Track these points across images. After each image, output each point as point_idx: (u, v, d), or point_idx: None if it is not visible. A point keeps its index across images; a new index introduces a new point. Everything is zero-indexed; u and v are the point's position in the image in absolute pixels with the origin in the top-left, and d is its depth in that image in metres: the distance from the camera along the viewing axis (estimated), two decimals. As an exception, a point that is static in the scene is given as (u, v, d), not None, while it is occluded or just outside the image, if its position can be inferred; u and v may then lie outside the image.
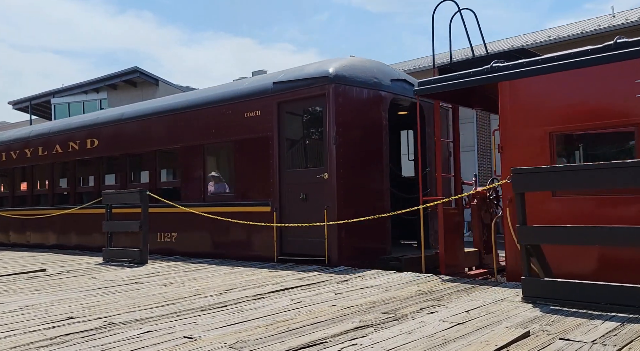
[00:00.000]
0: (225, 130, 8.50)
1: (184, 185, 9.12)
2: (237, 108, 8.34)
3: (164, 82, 29.66)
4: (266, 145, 7.90)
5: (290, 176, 7.71)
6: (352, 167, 7.36)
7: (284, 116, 7.84)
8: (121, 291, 5.61)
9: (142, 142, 9.86)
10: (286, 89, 7.77)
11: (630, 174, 4.03)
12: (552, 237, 4.53)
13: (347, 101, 7.42)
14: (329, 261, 7.11)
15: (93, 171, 10.98)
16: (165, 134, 9.41)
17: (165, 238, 9.20)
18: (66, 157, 11.34)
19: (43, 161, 11.93)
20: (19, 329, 3.94)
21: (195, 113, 8.97)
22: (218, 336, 3.59)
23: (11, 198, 12.97)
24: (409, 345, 3.25)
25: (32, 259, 9.39)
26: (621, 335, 3.37)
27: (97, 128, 10.76)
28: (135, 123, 10.08)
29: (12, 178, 12.96)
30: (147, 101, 11.37)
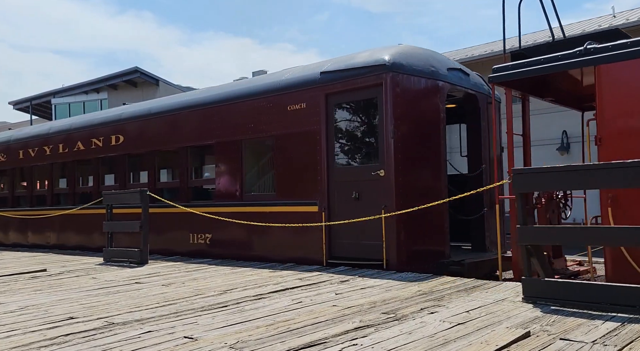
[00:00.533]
0: (265, 124, 7.96)
1: (219, 183, 8.60)
2: (279, 101, 7.81)
3: (164, 82, 29.68)
4: (312, 140, 7.37)
5: (340, 173, 7.19)
6: (411, 163, 6.80)
7: (333, 108, 7.33)
8: (122, 291, 5.61)
9: (171, 139, 9.35)
10: (336, 79, 7.23)
11: (630, 174, 4.02)
12: (552, 237, 4.53)
13: (405, 91, 6.87)
14: (387, 265, 6.56)
15: (117, 169, 10.40)
16: (198, 129, 8.91)
17: (199, 239, 8.71)
18: (88, 155, 10.82)
19: (63, 158, 11.38)
20: (20, 329, 3.95)
21: (232, 107, 8.44)
22: (218, 336, 3.59)
23: (30, 198, 12.41)
24: (409, 345, 3.25)
25: (32, 259, 9.39)
26: (622, 335, 3.37)
27: (123, 124, 10.20)
28: (164, 118, 9.53)
29: (31, 176, 12.43)
30: (177, 94, 10.74)
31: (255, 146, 8.57)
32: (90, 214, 10.41)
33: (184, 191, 9.00)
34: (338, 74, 7.24)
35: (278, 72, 8.45)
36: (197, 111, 8.98)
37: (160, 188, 9.56)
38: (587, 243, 4.75)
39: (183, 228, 8.87)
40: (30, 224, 12.08)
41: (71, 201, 11.31)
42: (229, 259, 8.14)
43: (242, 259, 7.99)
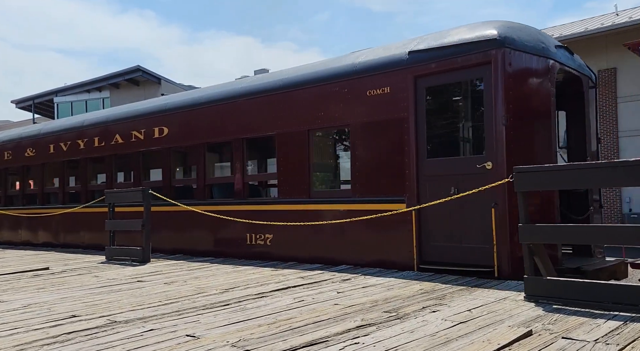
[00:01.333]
0: (338, 112, 7.15)
1: (283, 179, 7.78)
2: (355, 85, 6.97)
3: (166, 80, 29.72)
4: (398, 129, 6.53)
5: (433, 166, 6.32)
6: (523, 154, 5.90)
7: (423, 92, 6.46)
8: (124, 289, 5.62)
9: (223, 130, 8.53)
10: (428, 59, 6.37)
11: (630, 173, 4.02)
12: (553, 236, 4.52)
13: (516, 71, 6.00)
14: (499, 273, 5.71)
15: (162, 164, 9.57)
16: (257, 119, 8.07)
17: (258, 240, 7.97)
18: (128, 148, 9.98)
19: (100, 152, 10.53)
20: (22, 327, 3.96)
21: (297, 94, 7.61)
22: (220, 334, 3.60)
23: (62, 195, 11.51)
24: (411, 344, 3.25)
25: (35, 257, 9.41)
26: (624, 334, 3.37)
27: (167, 115, 9.36)
28: (215, 108, 8.68)
29: (62, 172, 11.52)
30: (229, 82, 9.67)
31: (325, 137, 7.92)
32: (134, 212, 9.32)
33: (239, 188, 8.29)
34: (431, 53, 6.37)
35: (346, 54, 7.70)
36: (254, 99, 8.15)
37: (211, 184, 8.89)
38: (591, 241, 4.73)
39: (238, 228, 8.10)
40: (61, 224, 11.29)
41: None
42: (295, 262, 7.38)
43: (312, 262, 7.28)
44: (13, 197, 13.05)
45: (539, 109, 6.21)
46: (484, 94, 6.03)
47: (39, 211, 11.75)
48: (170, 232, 9.19)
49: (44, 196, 12.02)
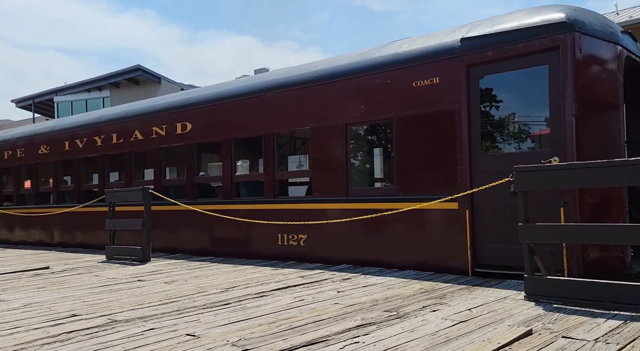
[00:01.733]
0: (379, 105, 6.68)
1: (317, 176, 7.34)
2: (399, 76, 6.52)
3: (166, 80, 29.71)
4: (449, 121, 6.08)
5: (489, 161, 5.83)
6: (593, 148, 5.46)
7: (477, 81, 5.99)
8: (124, 288, 5.62)
9: (253, 125, 8.08)
10: (484, 46, 5.90)
11: (631, 172, 4.01)
12: (554, 235, 4.52)
13: (587, 58, 5.54)
14: None
15: (184, 161, 9.07)
16: (289, 113, 7.64)
17: (290, 240, 7.49)
18: (148, 145, 9.51)
19: (119, 149, 10.05)
20: (23, 326, 3.96)
21: (334, 85, 7.17)
22: (221, 333, 3.60)
23: (77, 193, 11.03)
24: (411, 343, 3.25)
25: (35, 256, 9.41)
26: (624, 333, 3.37)
27: (190, 110, 8.89)
28: (244, 102, 8.19)
29: (78, 169, 11.04)
30: (258, 75, 9.12)
31: (365, 131, 7.47)
32: (162, 212, 9.03)
33: (269, 185, 7.82)
34: (488, 39, 5.91)
35: (385, 44, 7.28)
36: (286, 92, 7.69)
37: (237, 182, 8.46)
38: (590, 240, 4.71)
39: (268, 228, 7.67)
40: (79, 223, 10.85)
41: None
42: (329, 265, 6.94)
43: (349, 263, 6.86)
44: (25, 196, 12.61)
45: (608, 99, 5.75)
46: (550, 83, 5.54)
47: (52, 210, 11.20)
48: (192, 232, 8.78)
49: (58, 195, 11.56)
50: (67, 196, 11.49)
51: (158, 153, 9.47)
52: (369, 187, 7.74)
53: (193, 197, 8.89)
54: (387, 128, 7.10)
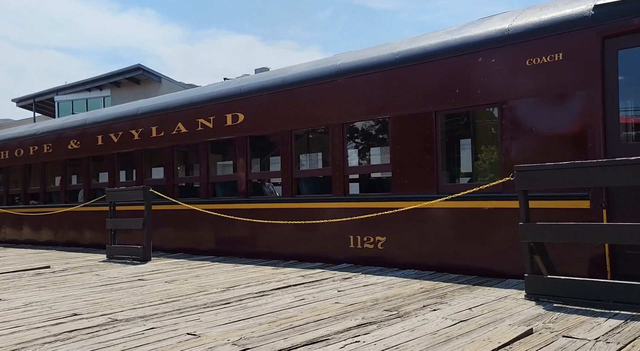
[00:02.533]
0: (481, 88, 5.85)
1: (399, 171, 6.52)
2: (508, 54, 5.69)
3: (166, 79, 29.71)
4: (576, 105, 5.23)
5: (630, 152, 4.73)
6: None
7: (614, 56, 5.08)
8: (125, 288, 5.63)
9: (317, 115, 7.31)
10: (627, 14, 4.99)
11: (631, 172, 4.01)
12: (554, 234, 4.52)
13: None
14: None
15: (237, 155, 8.28)
16: (363, 101, 6.84)
17: (365, 243, 6.70)
18: (194, 138, 8.73)
19: (159, 143, 9.26)
20: (24, 325, 3.96)
21: (421, 68, 6.37)
22: (221, 333, 3.60)
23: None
24: (411, 342, 3.25)
25: (36, 256, 9.42)
26: (624, 332, 3.37)
27: (243, 99, 8.12)
28: (307, 89, 7.42)
29: (113, 165, 10.28)
30: (323, 58, 8.23)
31: (459, 119, 6.64)
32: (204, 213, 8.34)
33: (338, 181, 7.09)
34: (633, 5, 4.99)
35: (477, 21, 6.36)
36: (361, 77, 6.89)
37: (298, 178, 7.75)
38: (591, 240, 4.69)
39: (337, 229, 6.90)
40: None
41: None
42: (418, 270, 6.22)
43: (442, 271, 5.99)
44: (53, 194, 11.86)
45: None
46: None
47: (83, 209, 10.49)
48: (247, 233, 8.00)
49: (90, 193, 10.77)
50: (101, 194, 10.46)
51: (205, 147, 8.63)
52: (465, 183, 6.88)
53: (246, 195, 8.15)
54: (489, 115, 6.16)
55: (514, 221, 4.98)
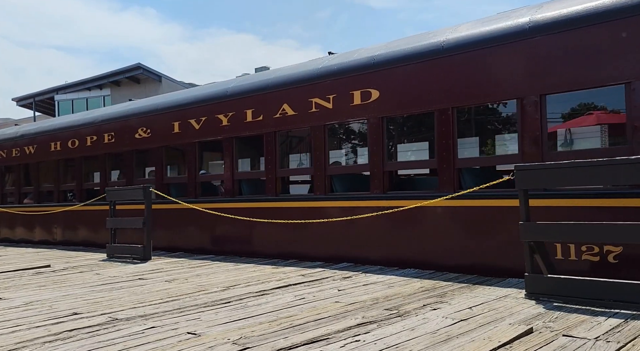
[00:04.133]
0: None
1: None
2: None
3: (167, 78, 29.72)
4: None
5: None
6: None
7: None
8: (125, 287, 5.63)
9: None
10: None
11: (631, 171, 4.01)
12: (554, 234, 4.52)
13: None
14: None
15: (371, 141, 6.76)
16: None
17: (586, 254, 5.16)
18: (303, 122, 7.47)
19: (257, 129, 8.01)
20: (24, 324, 3.96)
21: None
22: (221, 332, 3.60)
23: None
24: (412, 341, 3.25)
25: (36, 255, 9.43)
26: (624, 331, 3.37)
27: (379, 72, 6.72)
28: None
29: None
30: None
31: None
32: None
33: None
34: None
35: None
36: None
37: (459, 168, 6.29)
38: (591, 239, 4.69)
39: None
40: None
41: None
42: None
43: None
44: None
45: None
46: None
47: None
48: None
49: (163, 188, 9.58)
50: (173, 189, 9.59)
51: (320, 132, 7.20)
52: None
53: (383, 189, 6.63)
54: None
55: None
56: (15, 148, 12.38)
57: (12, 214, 12.23)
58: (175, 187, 9.43)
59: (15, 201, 12.57)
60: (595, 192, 5.09)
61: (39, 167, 11.96)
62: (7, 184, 13.09)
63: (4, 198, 13.07)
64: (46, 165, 11.78)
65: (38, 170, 12.00)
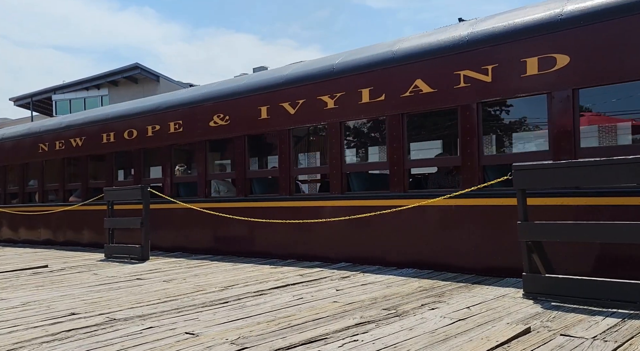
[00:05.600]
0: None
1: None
2: None
3: (165, 78, 29.69)
4: None
5: None
6: None
7: None
8: (123, 287, 5.62)
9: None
10: None
11: (630, 171, 4.01)
12: (552, 233, 4.52)
13: None
14: None
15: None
16: None
17: None
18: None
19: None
20: (22, 325, 3.96)
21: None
22: (220, 332, 3.60)
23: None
24: (410, 341, 3.26)
25: (34, 255, 9.41)
26: (622, 331, 3.38)
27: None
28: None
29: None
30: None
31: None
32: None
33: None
34: None
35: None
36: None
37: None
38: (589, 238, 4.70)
39: None
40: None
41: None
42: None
43: None
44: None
45: None
46: None
47: None
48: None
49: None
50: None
51: (473, 112, 5.75)
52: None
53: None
54: None
55: None
56: (59, 141, 11.05)
57: (54, 216, 10.86)
58: (259, 183, 8.28)
59: (59, 199, 11.19)
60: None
61: (87, 162, 10.66)
62: (49, 180, 11.53)
63: (46, 196, 11.56)
64: (96, 159, 10.64)
65: (87, 164, 10.66)
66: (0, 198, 12.81)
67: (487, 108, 6.08)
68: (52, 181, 11.48)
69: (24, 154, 12.02)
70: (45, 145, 11.40)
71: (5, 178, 12.74)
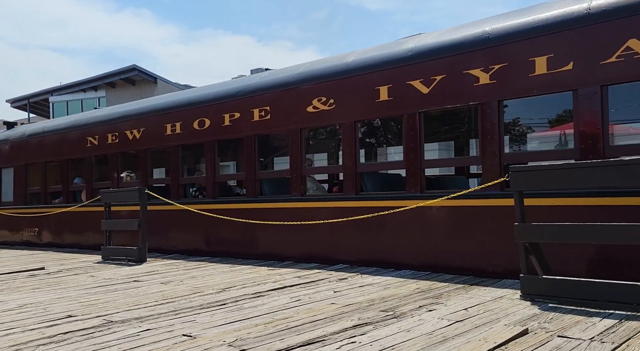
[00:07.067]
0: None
1: None
2: None
3: (162, 80, 29.66)
4: None
5: None
6: None
7: None
8: (120, 289, 5.61)
9: None
10: None
11: (628, 172, 4.02)
12: (550, 235, 4.53)
13: None
14: None
15: None
16: None
17: None
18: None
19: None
20: (18, 327, 3.94)
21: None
22: (217, 334, 3.59)
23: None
24: (407, 343, 3.26)
25: (31, 257, 9.38)
26: (619, 332, 3.38)
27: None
28: None
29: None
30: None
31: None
32: None
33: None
34: None
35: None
36: None
37: None
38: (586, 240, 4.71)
39: None
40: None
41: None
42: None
43: None
44: None
45: None
46: None
47: None
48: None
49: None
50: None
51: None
52: None
53: None
54: None
55: None
56: (112, 133, 10.15)
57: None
58: None
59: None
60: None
61: (147, 156, 9.62)
62: (98, 177, 10.68)
63: (94, 194, 10.19)
64: (158, 153, 9.79)
65: (147, 159, 9.63)
66: (41, 198, 11.75)
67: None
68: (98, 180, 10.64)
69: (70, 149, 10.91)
70: (95, 138, 10.43)
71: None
